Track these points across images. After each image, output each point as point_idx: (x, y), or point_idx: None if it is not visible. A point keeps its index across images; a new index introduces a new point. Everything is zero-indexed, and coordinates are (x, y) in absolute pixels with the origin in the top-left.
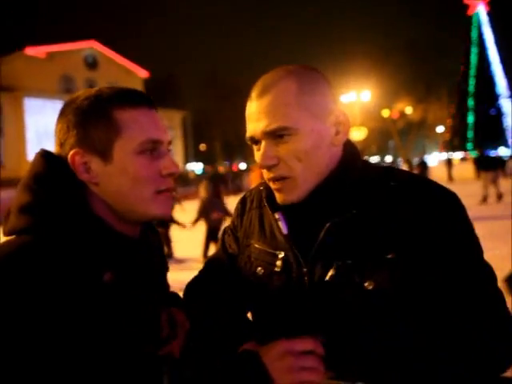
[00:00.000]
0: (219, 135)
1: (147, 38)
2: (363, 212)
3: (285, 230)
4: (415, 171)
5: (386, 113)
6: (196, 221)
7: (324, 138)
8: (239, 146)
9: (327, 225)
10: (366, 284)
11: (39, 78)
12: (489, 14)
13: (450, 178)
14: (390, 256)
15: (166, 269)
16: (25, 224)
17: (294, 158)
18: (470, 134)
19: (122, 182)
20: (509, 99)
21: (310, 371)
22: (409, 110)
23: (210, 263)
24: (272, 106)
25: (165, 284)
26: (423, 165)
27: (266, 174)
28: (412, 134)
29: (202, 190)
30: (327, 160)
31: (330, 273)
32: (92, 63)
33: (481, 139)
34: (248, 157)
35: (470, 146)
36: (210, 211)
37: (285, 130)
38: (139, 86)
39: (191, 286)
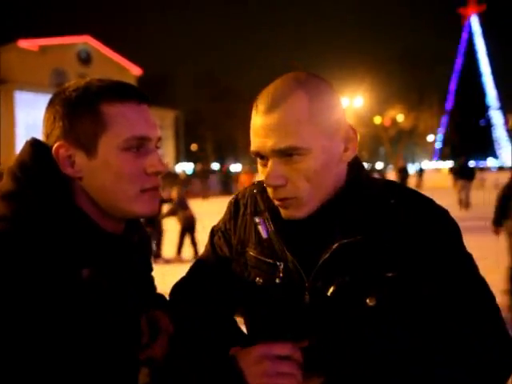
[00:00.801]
0: (211, 136)
1: (142, 35)
2: (369, 234)
3: (265, 235)
4: (396, 177)
5: (377, 120)
6: (164, 216)
7: (333, 155)
8: (231, 147)
9: (334, 246)
10: (367, 301)
11: (31, 71)
12: (481, 24)
13: (418, 185)
14: (390, 274)
15: (150, 270)
16: (4, 211)
17: (303, 178)
18: (461, 144)
19: (105, 178)
20: (498, 110)
21: (286, 377)
22: (400, 118)
23: (198, 265)
24: (282, 123)
25: (149, 285)
26: (404, 172)
27: (272, 193)
28: (403, 141)
29: (174, 193)
30: (334, 177)
31: (332, 289)
32: (85, 58)
33: (470, 150)
34: (240, 158)
35: (459, 155)
36: (184, 209)
37: (295, 149)
38: (132, 84)
39: (178, 287)
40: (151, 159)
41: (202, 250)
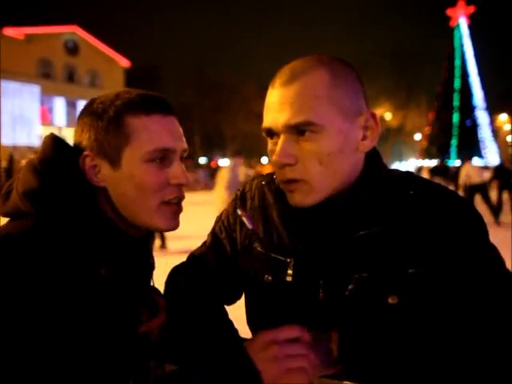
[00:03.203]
0: (199, 130)
1: (131, 26)
2: (387, 227)
3: (250, 226)
4: None
5: None
6: None
7: (350, 141)
8: (219, 142)
9: (352, 238)
10: (389, 299)
11: (16, 60)
12: (470, 26)
13: None
14: (412, 270)
15: (153, 263)
16: (28, 208)
17: (315, 160)
18: (447, 143)
19: (128, 189)
20: (484, 111)
21: (297, 358)
22: (388, 116)
23: (195, 259)
24: (299, 97)
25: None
26: None
27: (279, 174)
28: (390, 140)
29: None
30: (348, 166)
31: (350, 287)
32: (72, 49)
33: (456, 149)
34: (227, 153)
35: (445, 155)
36: None
37: (310, 125)
38: (120, 76)
39: (176, 274)
40: (175, 171)
41: (170, 242)
